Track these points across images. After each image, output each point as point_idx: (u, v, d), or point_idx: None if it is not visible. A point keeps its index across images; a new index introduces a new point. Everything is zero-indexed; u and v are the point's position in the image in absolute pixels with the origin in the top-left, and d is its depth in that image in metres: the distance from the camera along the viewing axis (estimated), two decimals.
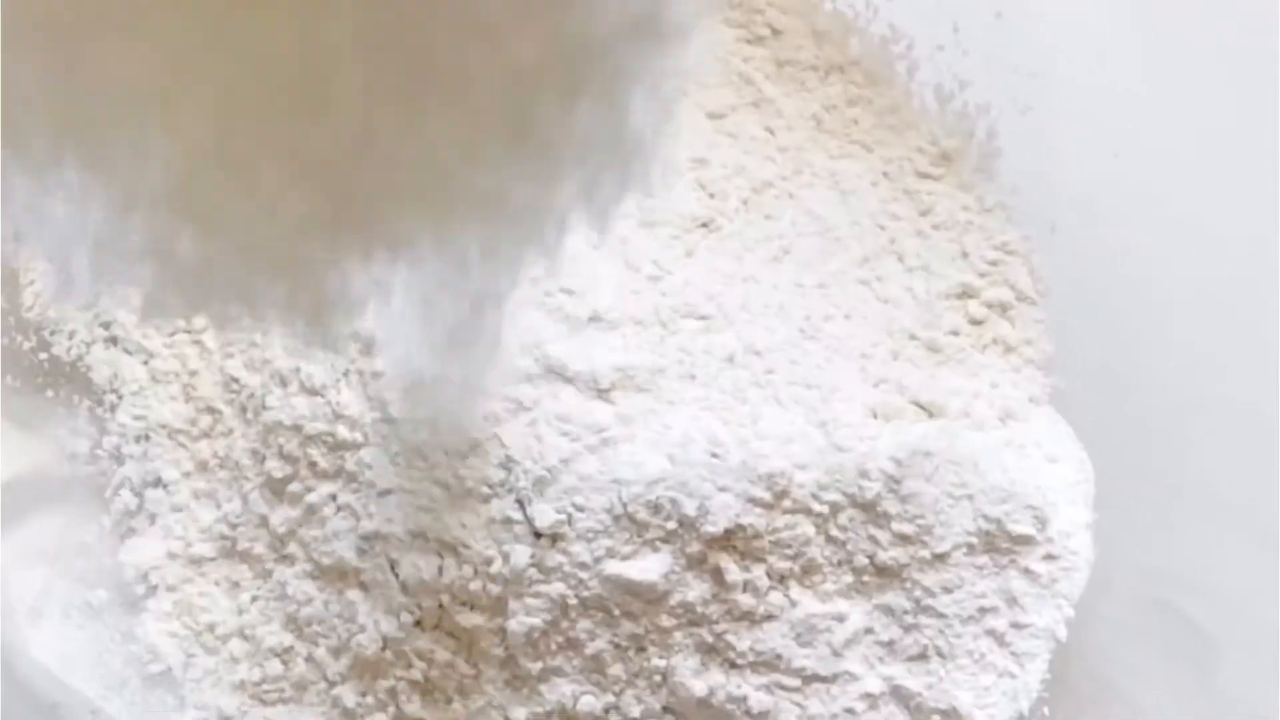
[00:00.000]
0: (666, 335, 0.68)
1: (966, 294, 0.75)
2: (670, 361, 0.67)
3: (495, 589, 0.66)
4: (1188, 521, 0.68)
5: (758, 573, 0.65)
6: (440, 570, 0.66)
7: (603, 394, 0.66)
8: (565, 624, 0.66)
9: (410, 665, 0.68)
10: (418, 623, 0.67)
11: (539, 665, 0.67)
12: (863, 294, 0.73)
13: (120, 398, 0.74)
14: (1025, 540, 0.66)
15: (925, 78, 0.80)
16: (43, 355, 0.75)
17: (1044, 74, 0.74)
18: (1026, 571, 0.66)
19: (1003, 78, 0.76)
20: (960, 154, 0.79)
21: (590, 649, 0.66)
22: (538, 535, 0.65)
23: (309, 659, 0.70)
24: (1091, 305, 0.73)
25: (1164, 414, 0.70)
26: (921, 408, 0.69)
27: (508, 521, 0.65)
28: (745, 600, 0.65)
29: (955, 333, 0.73)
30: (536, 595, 0.65)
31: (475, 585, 0.66)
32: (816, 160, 0.78)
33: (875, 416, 0.68)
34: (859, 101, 0.81)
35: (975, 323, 0.74)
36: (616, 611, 0.65)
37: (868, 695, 0.66)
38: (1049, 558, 0.66)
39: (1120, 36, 0.70)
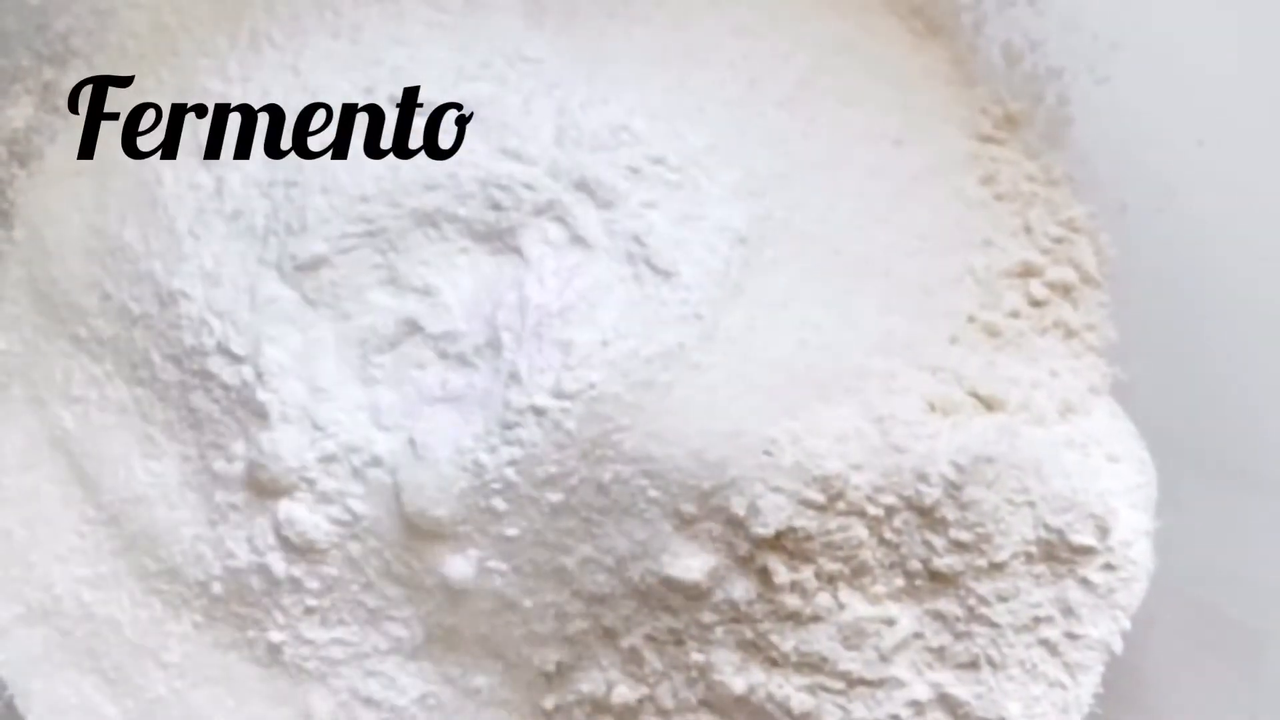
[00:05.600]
0: None
1: (1028, 272, 0.71)
2: None
3: None
4: (1257, 528, 0.65)
5: (806, 573, 0.62)
6: None
7: None
8: (601, 612, 0.65)
9: None
10: None
11: (573, 654, 0.66)
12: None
13: None
14: (1085, 550, 0.63)
15: (993, 33, 0.76)
16: None
17: (1126, 44, 0.70)
18: (1084, 581, 0.64)
19: (1080, 43, 0.72)
20: (1027, 118, 0.75)
21: (626, 640, 0.65)
22: None
23: None
24: (1159, 292, 0.70)
25: (1233, 410, 0.67)
26: (980, 399, 0.66)
27: None
28: (792, 601, 0.63)
29: (1015, 314, 0.70)
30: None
31: None
32: None
33: (933, 409, 0.65)
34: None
35: (1036, 304, 0.71)
36: (656, 605, 0.64)
37: (914, 702, 0.64)
38: (1108, 567, 0.64)
39: (1215, 14, 0.66)
